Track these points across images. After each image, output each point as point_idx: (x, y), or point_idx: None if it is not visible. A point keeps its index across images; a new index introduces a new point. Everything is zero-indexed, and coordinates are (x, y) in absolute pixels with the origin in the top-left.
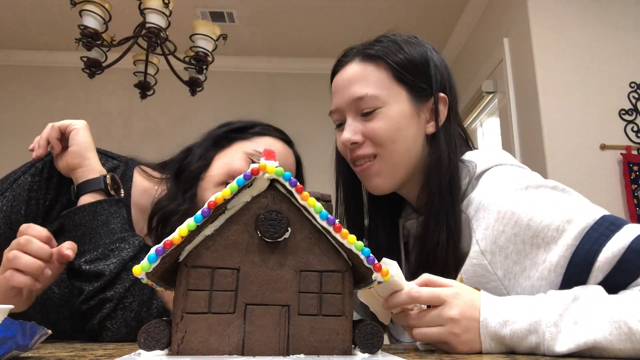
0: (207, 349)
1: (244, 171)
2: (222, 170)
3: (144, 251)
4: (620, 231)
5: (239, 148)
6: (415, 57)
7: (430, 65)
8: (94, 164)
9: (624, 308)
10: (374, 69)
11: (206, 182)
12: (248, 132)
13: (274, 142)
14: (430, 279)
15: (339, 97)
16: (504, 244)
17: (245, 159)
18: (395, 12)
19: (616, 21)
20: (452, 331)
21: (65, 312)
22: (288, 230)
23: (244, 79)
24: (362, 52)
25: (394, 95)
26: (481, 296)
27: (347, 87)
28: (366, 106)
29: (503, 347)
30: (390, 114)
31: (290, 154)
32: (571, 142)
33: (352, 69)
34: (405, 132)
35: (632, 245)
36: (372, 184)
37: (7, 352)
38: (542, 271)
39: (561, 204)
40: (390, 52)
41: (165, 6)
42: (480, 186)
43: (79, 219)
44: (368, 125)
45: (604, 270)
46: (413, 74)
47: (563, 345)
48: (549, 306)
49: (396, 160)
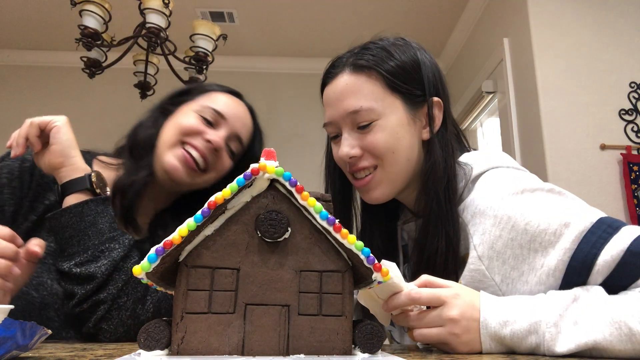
0: (207, 349)
1: (196, 127)
2: (174, 130)
3: (135, 249)
4: (618, 233)
5: (187, 109)
6: (406, 62)
7: (422, 69)
8: (78, 162)
9: (625, 309)
10: (367, 80)
11: (160, 147)
12: (192, 94)
13: (220, 95)
14: (430, 280)
15: (333, 110)
16: (501, 249)
17: (194, 115)
18: (396, 12)
19: (616, 21)
20: (453, 332)
21: (51, 313)
22: (288, 230)
23: (244, 79)
24: (352, 62)
25: (389, 105)
26: (481, 296)
27: (341, 100)
28: (362, 119)
29: (503, 347)
30: (387, 125)
31: (240, 104)
32: (571, 142)
33: (343, 80)
34: (404, 141)
35: (631, 248)
36: (373, 196)
37: (7, 352)
38: (540, 276)
39: (558, 207)
40: (380, 60)
41: (165, 6)
42: (476, 190)
43: (66, 221)
44: (366, 139)
45: (603, 273)
46: (406, 82)
47: (563, 345)
48: (549, 306)
49: (396, 169)
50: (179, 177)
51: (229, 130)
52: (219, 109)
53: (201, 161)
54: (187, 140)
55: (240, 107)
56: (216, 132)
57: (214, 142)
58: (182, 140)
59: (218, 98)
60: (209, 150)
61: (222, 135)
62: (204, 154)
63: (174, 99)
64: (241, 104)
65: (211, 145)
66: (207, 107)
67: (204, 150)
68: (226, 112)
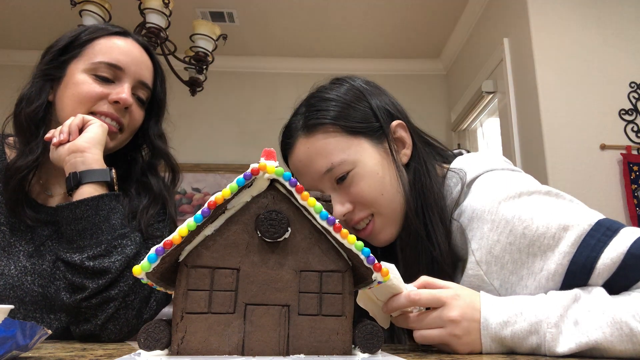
0: (207, 349)
1: (98, 92)
2: (74, 102)
3: (144, 248)
4: (618, 236)
5: (75, 70)
6: (348, 99)
7: (365, 96)
8: (99, 155)
9: (625, 309)
10: (325, 137)
11: (63, 121)
12: (74, 48)
13: (107, 41)
14: (429, 281)
15: (307, 178)
16: (499, 253)
17: (89, 79)
18: (395, 12)
19: (616, 21)
20: (453, 333)
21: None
22: (288, 230)
23: (244, 79)
24: (303, 125)
25: (357, 150)
26: (481, 297)
27: (309, 166)
28: (338, 174)
29: (504, 348)
30: (365, 171)
31: (133, 44)
32: (571, 142)
33: (303, 147)
34: (386, 178)
35: (631, 250)
36: (382, 240)
37: (7, 352)
38: (539, 280)
39: (556, 211)
40: (327, 111)
41: (165, 6)
42: (472, 194)
43: (81, 213)
44: (351, 192)
45: (603, 276)
46: (360, 119)
47: (564, 345)
48: (549, 307)
49: (392, 208)
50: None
51: (132, 80)
52: (113, 62)
53: (116, 125)
54: (94, 110)
55: (134, 49)
56: (119, 88)
57: (123, 101)
58: (88, 111)
59: (107, 47)
60: (120, 110)
61: (127, 90)
62: (116, 117)
63: (55, 60)
64: (133, 43)
65: (120, 105)
66: (99, 63)
67: (114, 114)
68: (122, 62)
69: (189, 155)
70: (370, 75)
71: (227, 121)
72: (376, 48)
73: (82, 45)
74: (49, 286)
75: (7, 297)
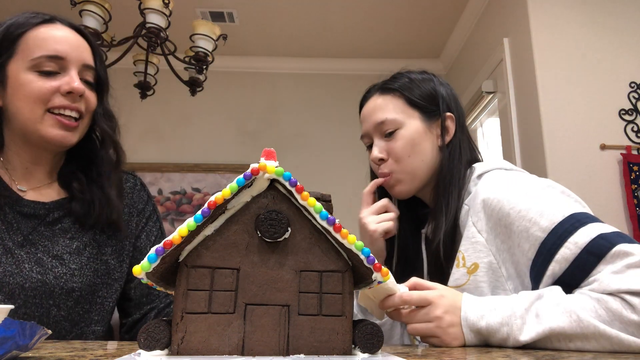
0: (207, 349)
1: (47, 89)
2: (28, 105)
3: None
4: (581, 230)
5: (17, 70)
6: (424, 91)
7: (437, 91)
8: None
9: (574, 302)
10: (392, 99)
11: (25, 125)
12: (7, 47)
13: (38, 32)
14: (418, 282)
15: (366, 124)
16: (493, 226)
17: (34, 76)
18: (396, 12)
19: (616, 21)
20: (439, 326)
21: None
22: (288, 230)
23: (244, 79)
24: (381, 87)
25: (409, 117)
26: (463, 296)
27: (371, 115)
28: (387, 128)
29: (481, 336)
30: (406, 133)
31: (65, 29)
32: (571, 142)
33: (373, 100)
34: (420, 147)
35: (588, 248)
36: (396, 191)
37: (7, 352)
38: (520, 253)
39: (541, 198)
40: (404, 85)
41: (165, 6)
42: (481, 183)
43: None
44: (389, 145)
45: (560, 263)
46: (420, 97)
47: (526, 334)
48: (517, 303)
49: (411, 169)
50: (68, 141)
51: (76, 66)
52: (53, 53)
53: (75, 114)
54: (49, 106)
55: (69, 34)
56: (67, 77)
57: (75, 90)
58: (44, 109)
59: (41, 39)
60: (74, 99)
61: (75, 78)
62: (75, 107)
63: None
64: (65, 28)
65: (74, 95)
66: (39, 58)
67: (71, 104)
68: (62, 51)
69: (189, 155)
70: (370, 75)
71: (227, 121)
72: (376, 48)
73: (12, 43)
74: (47, 273)
75: (7, 283)
